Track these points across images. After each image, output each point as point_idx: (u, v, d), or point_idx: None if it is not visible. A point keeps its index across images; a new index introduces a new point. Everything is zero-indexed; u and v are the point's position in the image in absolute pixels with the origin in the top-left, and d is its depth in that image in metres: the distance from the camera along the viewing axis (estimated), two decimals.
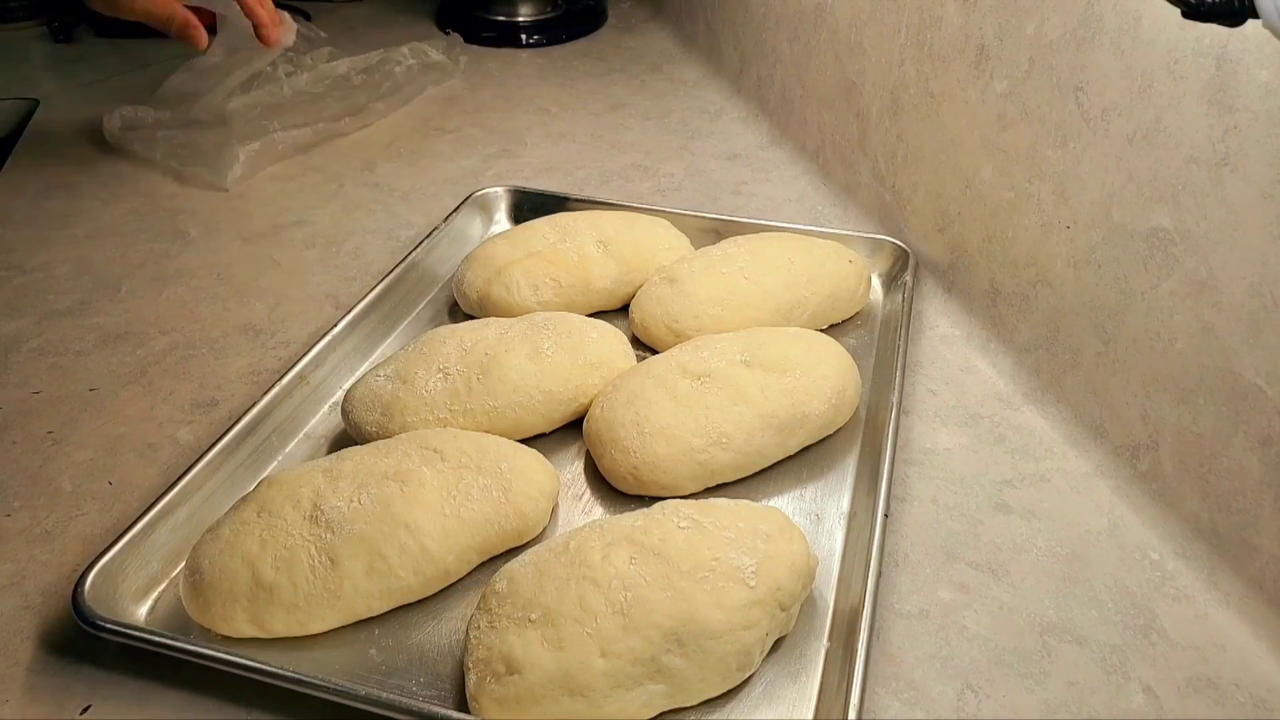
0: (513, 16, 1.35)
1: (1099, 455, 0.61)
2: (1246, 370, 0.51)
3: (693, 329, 0.68)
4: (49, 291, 0.78)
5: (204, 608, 0.49)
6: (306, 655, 0.49)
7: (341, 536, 0.50)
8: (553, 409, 0.62)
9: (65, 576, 0.53)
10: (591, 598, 0.45)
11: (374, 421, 0.60)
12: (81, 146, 1.02)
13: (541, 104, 1.14)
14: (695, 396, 0.58)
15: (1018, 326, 0.68)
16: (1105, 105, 0.59)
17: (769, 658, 0.49)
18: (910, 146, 0.80)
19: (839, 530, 0.56)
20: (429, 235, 0.79)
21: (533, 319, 0.66)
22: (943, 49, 0.74)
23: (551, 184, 0.95)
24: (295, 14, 1.36)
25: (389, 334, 0.73)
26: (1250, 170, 0.49)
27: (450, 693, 0.47)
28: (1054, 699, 0.47)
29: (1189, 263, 0.54)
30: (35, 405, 0.66)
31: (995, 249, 0.70)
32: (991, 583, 0.53)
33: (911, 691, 0.48)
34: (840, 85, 0.89)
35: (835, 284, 0.72)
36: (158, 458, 0.62)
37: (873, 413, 0.64)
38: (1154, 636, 0.51)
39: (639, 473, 0.57)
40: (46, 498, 0.58)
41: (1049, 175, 0.64)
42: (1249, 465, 0.51)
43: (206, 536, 0.51)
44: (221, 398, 0.67)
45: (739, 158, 1.01)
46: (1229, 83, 0.50)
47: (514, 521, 0.53)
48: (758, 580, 0.46)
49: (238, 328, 0.74)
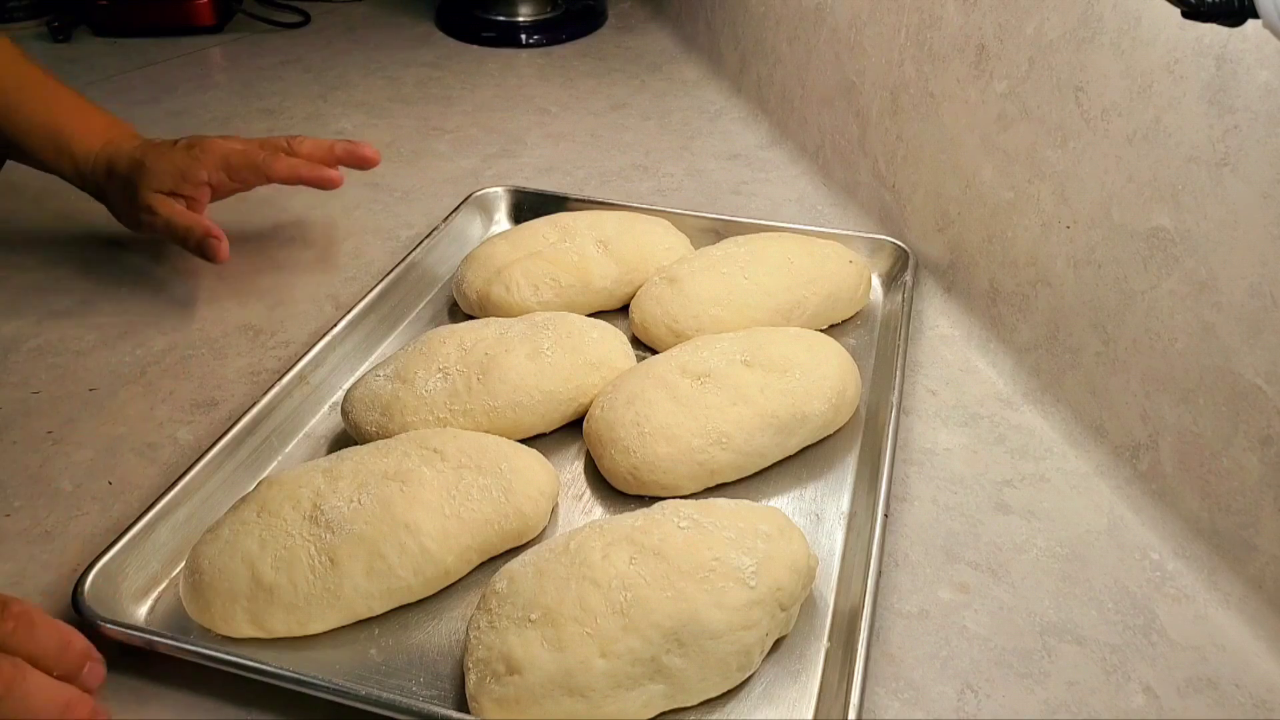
0: (513, 16, 1.35)
1: (1099, 455, 0.61)
2: (1246, 370, 0.51)
3: (693, 329, 0.68)
4: (49, 292, 0.78)
5: (204, 608, 0.49)
6: (306, 655, 0.49)
7: (341, 536, 0.50)
8: (553, 409, 0.61)
9: (65, 576, 0.53)
10: (591, 598, 0.45)
11: (374, 421, 0.60)
12: None
13: (541, 104, 1.14)
14: (695, 396, 0.58)
15: (1018, 326, 0.68)
16: (1105, 105, 0.59)
17: (769, 658, 0.49)
18: (910, 146, 0.80)
19: (839, 530, 0.56)
20: (429, 235, 0.79)
21: (533, 319, 0.66)
22: (943, 49, 0.74)
23: (551, 184, 0.95)
24: (295, 14, 1.37)
25: (389, 334, 0.73)
26: (1250, 170, 0.49)
27: (450, 693, 0.47)
28: (1054, 699, 0.47)
29: (1189, 263, 0.54)
30: (35, 405, 0.66)
31: (995, 249, 0.70)
32: (991, 583, 0.53)
33: (911, 691, 0.48)
34: (840, 85, 0.89)
35: (835, 284, 0.71)
36: (158, 458, 0.62)
37: (873, 413, 0.64)
38: (1154, 636, 0.51)
39: (639, 473, 0.57)
40: (46, 498, 0.58)
41: (1049, 175, 0.64)
42: (1249, 465, 0.51)
43: (206, 536, 0.51)
44: (221, 398, 0.67)
45: (739, 158, 1.01)
46: (1229, 83, 0.50)
47: (514, 521, 0.53)
48: (758, 580, 0.46)
49: (237, 328, 0.74)
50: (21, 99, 0.73)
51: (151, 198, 0.71)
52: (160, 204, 0.71)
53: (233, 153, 0.74)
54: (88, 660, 0.44)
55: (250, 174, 0.74)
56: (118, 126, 0.76)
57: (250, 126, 1.08)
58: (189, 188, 0.72)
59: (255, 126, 1.08)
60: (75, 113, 0.75)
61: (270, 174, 0.74)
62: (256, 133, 1.06)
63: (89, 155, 0.73)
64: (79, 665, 0.44)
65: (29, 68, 0.75)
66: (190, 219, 0.71)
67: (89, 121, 0.75)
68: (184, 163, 0.72)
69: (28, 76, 0.74)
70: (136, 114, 1.09)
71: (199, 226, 0.71)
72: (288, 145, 0.76)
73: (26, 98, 0.73)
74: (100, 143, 0.74)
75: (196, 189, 0.73)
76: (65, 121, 0.74)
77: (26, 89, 0.74)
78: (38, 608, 0.44)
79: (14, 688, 0.40)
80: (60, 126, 0.73)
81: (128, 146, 0.73)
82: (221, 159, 0.73)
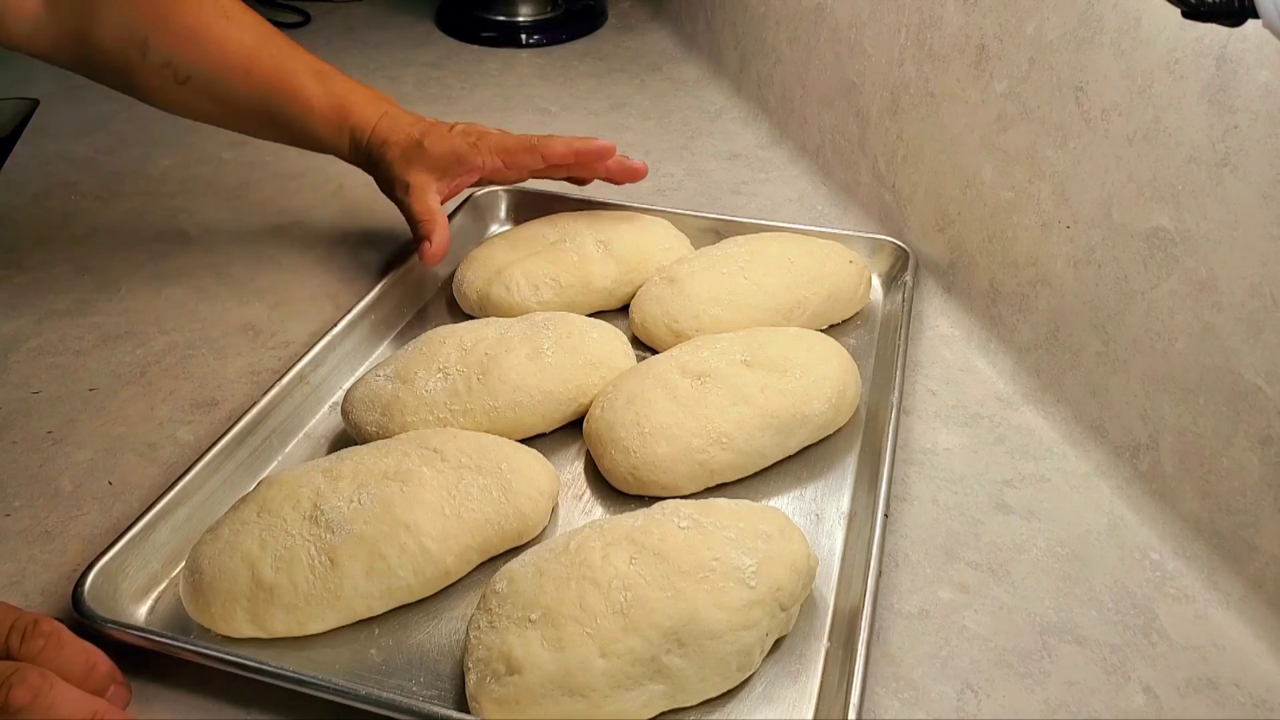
0: (513, 16, 1.35)
1: (1099, 455, 0.61)
2: (1246, 370, 0.51)
3: (693, 329, 0.68)
4: (49, 291, 0.78)
5: (204, 608, 0.49)
6: (306, 655, 0.49)
7: (341, 536, 0.50)
8: (553, 409, 0.61)
9: (65, 576, 0.53)
10: (591, 598, 0.45)
11: (374, 421, 0.60)
12: (81, 146, 1.02)
13: (541, 104, 1.14)
14: (695, 396, 0.58)
15: (1018, 326, 0.68)
16: (1105, 105, 0.59)
17: (769, 658, 0.49)
18: (910, 146, 0.80)
19: (839, 530, 0.56)
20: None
21: (533, 319, 0.66)
22: (943, 49, 0.74)
23: (551, 184, 0.95)
24: (295, 14, 1.37)
25: (389, 334, 0.73)
26: (1250, 170, 0.49)
27: (450, 693, 0.47)
28: (1054, 699, 0.47)
29: (1189, 263, 0.54)
30: (35, 405, 0.66)
31: (995, 249, 0.70)
32: (991, 583, 0.53)
33: (911, 691, 0.48)
34: (840, 85, 0.89)
35: (835, 284, 0.71)
36: (158, 458, 0.62)
37: (873, 413, 0.64)
38: (1154, 636, 0.51)
39: (639, 473, 0.57)
40: (46, 498, 0.58)
41: (1049, 175, 0.64)
42: (1249, 465, 0.51)
43: (206, 536, 0.51)
44: (221, 398, 0.67)
45: (739, 158, 1.01)
46: (1229, 83, 0.50)
47: (514, 521, 0.53)
48: (758, 580, 0.46)
49: (238, 327, 0.74)
50: (301, 80, 0.72)
51: (417, 177, 0.72)
52: (418, 186, 0.72)
53: (509, 137, 0.74)
54: (112, 683, 0.45)
55: (527, 156, 0.74)
56: (383, 99, 0.75)
57: None
58: (460, 170, 0.73)
59: None
60: (348, 87, 0.74)
61: (547, 156, 0.74)
62: None
63: (366, 128, 0.73)
64: (104, 688, 0.45)
65: (290, 43, 0.74)
66: (428, 213, 0.72)
67: (359, 93, 0.74)
68: (462, 147, 0.72)
69: (292, 50, 0.73)
70: (137, 114, 1.10)
71: (430, 222, 0.71)
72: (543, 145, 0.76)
73: (303, 76, 0.72)
74: (375, 115, 0.73)
75: (468, 172, 0.73)
76: (343, 97, 0.73)
77: (300, 66, 0.72)
78: (66, 629, 0.45)
79: (41, 696, 0.41)
80: (339, 101, 0.73)
81: (404, 123, 0.73)
82: (498, 144, 0.74)
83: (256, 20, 0.73)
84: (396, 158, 0.72)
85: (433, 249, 0.71)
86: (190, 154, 1.02)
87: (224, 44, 0.69)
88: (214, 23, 0.69)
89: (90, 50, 0.68)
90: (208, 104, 0.72)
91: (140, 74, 0.69)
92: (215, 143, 1.04)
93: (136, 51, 0.68)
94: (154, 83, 0.70)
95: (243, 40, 0.70)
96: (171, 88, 0.70)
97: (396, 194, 0.74)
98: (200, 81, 0.70)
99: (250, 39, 0.71)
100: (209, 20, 0.69)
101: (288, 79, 0.71)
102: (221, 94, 0.71)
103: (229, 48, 0.70)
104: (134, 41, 0.67)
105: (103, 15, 0.67)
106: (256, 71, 0.70)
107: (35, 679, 0.41)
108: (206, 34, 0.69)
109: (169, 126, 1.07)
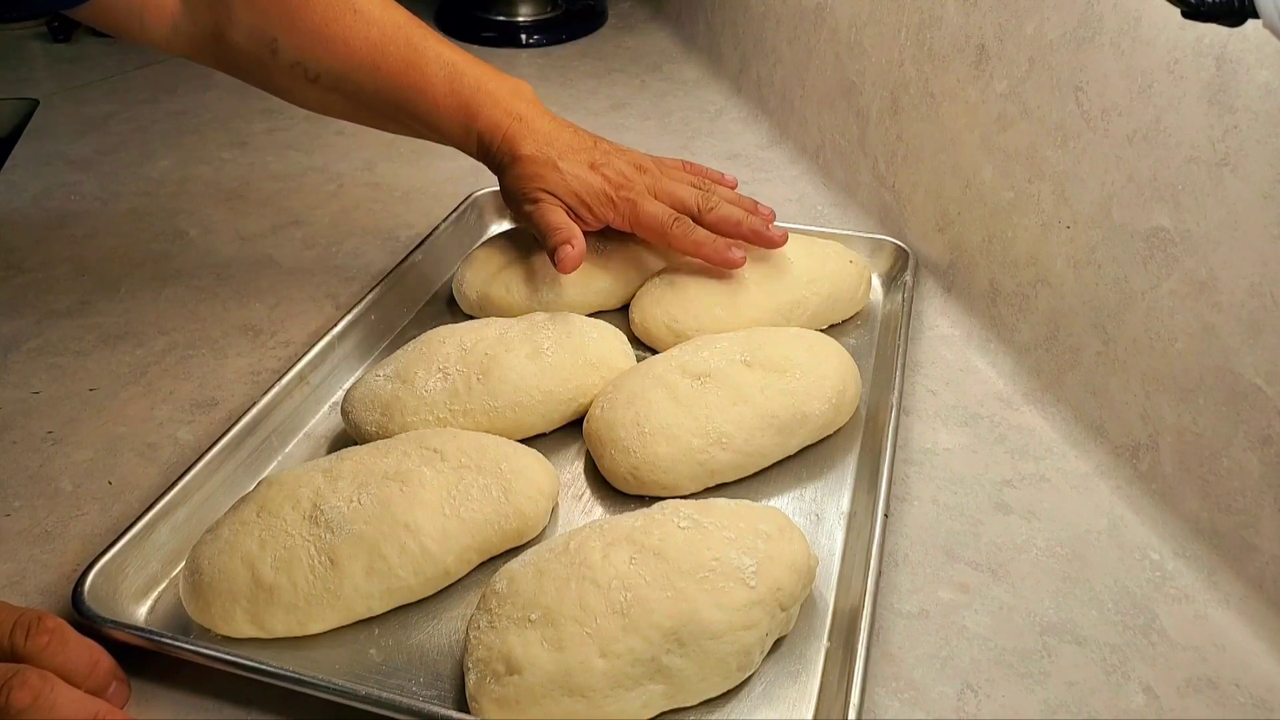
0: (513, 16, 1.35)
1: (1099, 455, 0.61)
2: (1246, 370, 0.51)
3: (693, 329, 0.68)
4: (49, 291, 0.78)
5: (204, 608, 0.49)
6: (306, 655, 0.49)
7: (341, 536, 0.50)
8: (553, 409, 0.61)
9: (65, 576, 0.53)
10: (591, 598, 0.45)
11: (374, 421, 0.60)
12: (81, 146, 1.02)
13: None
14: (695, 396, 0.58)
15: (1018, 326, 0.68)
16: (1105, 105, 0.59)
17: (769, 658, 0.49)
18: (910, 146, 0.80)
19: (839, 530, 0.56)
20: (429, 235, 0.79)
21: (533, 319, 0.66)
22: (943, 49, 0.74)
23: None
24: None
25: (389, 334, 0.73)
26: (1250, 170, 0.49)
27: (450, 693, 0.47)
28: (1054, 699, 0.47)
29: (1189, 263, 0.54)
30: (35, 405, 0.66)
31: (995, 249, 0.70)
32: (991, 583, 0.53)
33: (911, 691, 0.48)
34: (840, 85, 0.89)
35: (835, 284, 0.72)
36: (158, 458, 0.62)
37: (873, 413, 0.64)
38: (1154, 636, 0.51)
39: (639, 473, 0.57)
40: (46, 498, 0.58)
41: (1049, 175, 0.64)
42: (1249, 465, 0.51)
43: (206, 536, 0.51)
44: (221, 398, 0.67)
45: (739, 158, 1.01)
46: (1229, 83, 0.50)
47: (514, 521, 0.53)
48: (758, 580, 0.46)
49: (237, 328, 0.74)
50: (428, 77, 0.68)
51: (544, 195, 0.69)
52: (546, 202, 0.69)
53: (648, 212, 0.69)
54: (114, 680, 0.45)
55: (659, 240, 0.71)
56: (518, 97, 0.71)
57: (250, 126, 1.08)
58: (584, 213, 0.69)
59: (255, 126, 1.08)
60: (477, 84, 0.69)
61: (676, 246, 0.70)
62: (256, 132, 1.06)
63: (494, 133, 0.69)
64: (105, 684, 0.45)
65: (425, 33, 0.69)
66: (560, 223, 0.68)
67: (488, 93, 0.69)
68: (594, 197, 0.69)
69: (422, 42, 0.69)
70: (137, 114, 1.10)
71: (565, 231, 0.67)
72: (698, 207, 0.71)
73: (430, 72, 0.68)
74: (507, 120, 0.69)
75: (587, 224, 0.70)
76: (470, 96, 0.68)
77: (429, 59, 0.68)
78: (69, 626, 0.45)
79: (42, 698, 0.41)
80: (465, 101, 0.68)
81: (540, 134, 0.69)
82: (633, 215, 0.70)
83: (387, 10, 0.69)
84: (522, 174, 0.69)
85: (574, 251, 0.66)
86: (190, 154, 1.02)
87: (350, 40, 0.67)
88: (340, 18, 0.66)
89: (227, 51, 0.67)
90: (340, 101, 0.70)
91: (274, 73, 0.68)
92: (215, 143, 1.04)
93: (268, 52, 0.66)
94: (287, 82, 0.69)
95: (369, 35, 0.67)
96: (304, 86, 0.68)
97: (524, 209, 0.70)
98: (330, 79, 0.68)
99: (377, 33, 0.67)
100: (336, 15, 0.66)
101: (414, 75, 0.68)
102: (351, 91, 0.68)
103: (354, 44, 0.67)
104: (264, 42, 0.66)
105: (235, 17, 0.66)
106: (384, 68, 0.67)
107: (36, 680, 0.41)
108: (332, 31, 0.66)
109: (169, 126, 1.08)
